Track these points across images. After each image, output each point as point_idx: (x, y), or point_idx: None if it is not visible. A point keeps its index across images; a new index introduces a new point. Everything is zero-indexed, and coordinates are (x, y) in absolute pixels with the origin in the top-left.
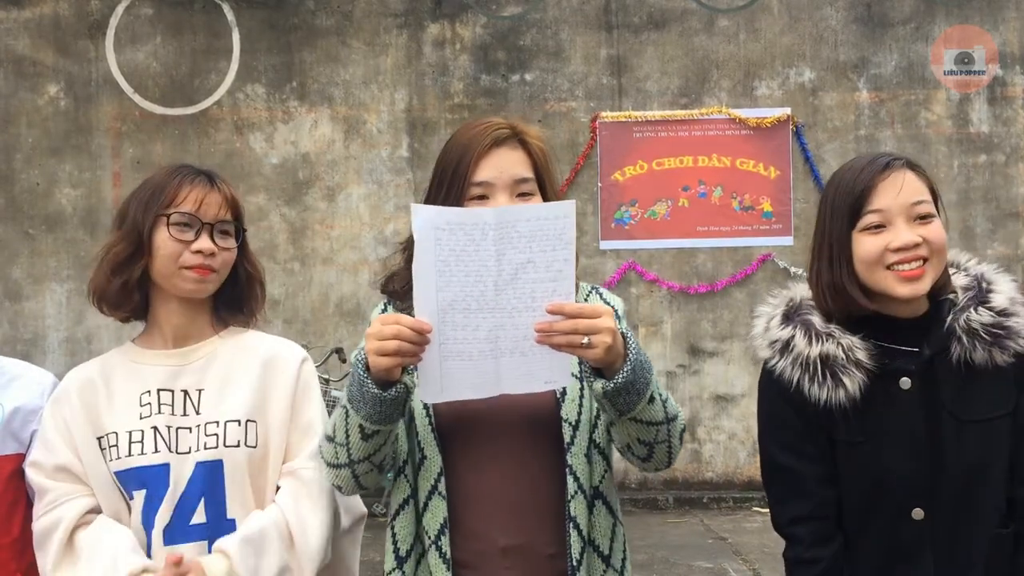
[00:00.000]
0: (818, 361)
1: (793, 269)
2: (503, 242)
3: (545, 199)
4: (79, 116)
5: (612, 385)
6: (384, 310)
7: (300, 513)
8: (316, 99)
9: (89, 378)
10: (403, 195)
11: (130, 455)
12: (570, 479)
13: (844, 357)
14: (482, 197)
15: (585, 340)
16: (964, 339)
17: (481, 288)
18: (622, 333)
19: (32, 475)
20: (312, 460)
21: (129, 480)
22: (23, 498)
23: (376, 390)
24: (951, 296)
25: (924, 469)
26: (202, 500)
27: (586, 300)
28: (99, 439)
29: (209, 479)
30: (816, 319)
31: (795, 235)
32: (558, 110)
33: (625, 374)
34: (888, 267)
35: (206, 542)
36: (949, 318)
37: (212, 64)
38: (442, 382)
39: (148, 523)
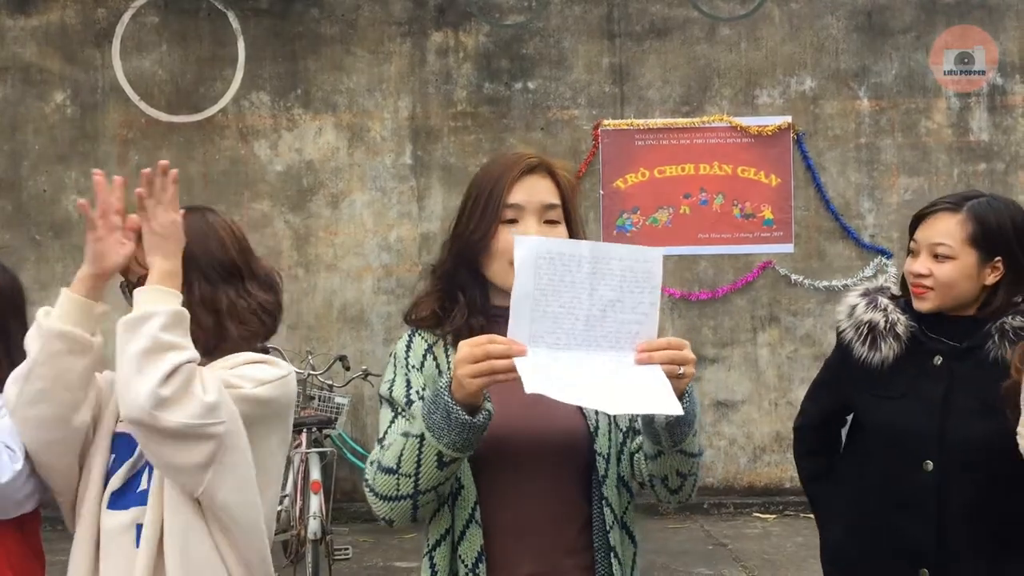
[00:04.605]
0: (866, 326)
1: (794, 276)
2: (596, 276)
3: (569, 227)
4: (85, 123)
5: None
6: (409, 343)
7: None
8: (320, 107)
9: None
10: (407, 202)
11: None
12: (607, 510)
13: (885, 327)
14: (512, 221)
15: (680, 370)
16: (996, 338)
17: (572, 321)
18: None
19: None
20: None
21: (114, 441)
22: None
23: (466, 416)
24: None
25: (935, 429)
26: (147, 469)
27: None
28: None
29: None
30: (884, 298)
31: (796, 242)
32: (560, 118)
33: (686, 403)
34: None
35: (145, 507)
36: (989, 323)
37: (217, 72)
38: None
39: (104, 483)
